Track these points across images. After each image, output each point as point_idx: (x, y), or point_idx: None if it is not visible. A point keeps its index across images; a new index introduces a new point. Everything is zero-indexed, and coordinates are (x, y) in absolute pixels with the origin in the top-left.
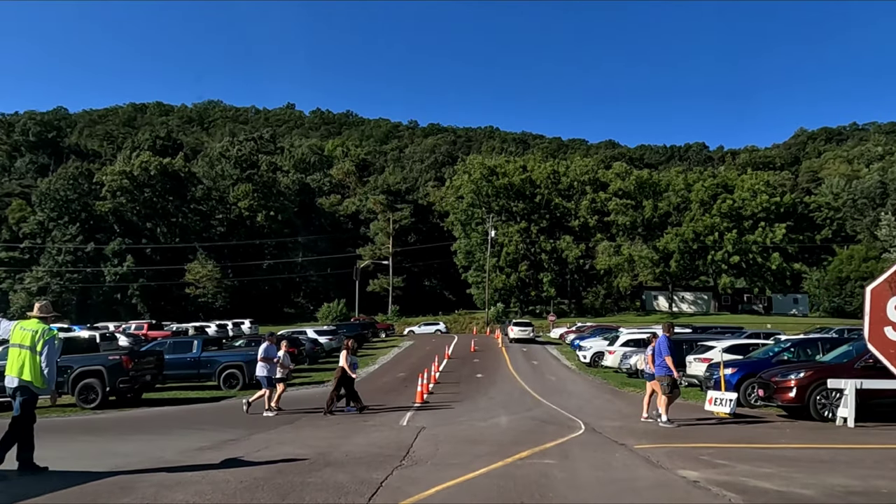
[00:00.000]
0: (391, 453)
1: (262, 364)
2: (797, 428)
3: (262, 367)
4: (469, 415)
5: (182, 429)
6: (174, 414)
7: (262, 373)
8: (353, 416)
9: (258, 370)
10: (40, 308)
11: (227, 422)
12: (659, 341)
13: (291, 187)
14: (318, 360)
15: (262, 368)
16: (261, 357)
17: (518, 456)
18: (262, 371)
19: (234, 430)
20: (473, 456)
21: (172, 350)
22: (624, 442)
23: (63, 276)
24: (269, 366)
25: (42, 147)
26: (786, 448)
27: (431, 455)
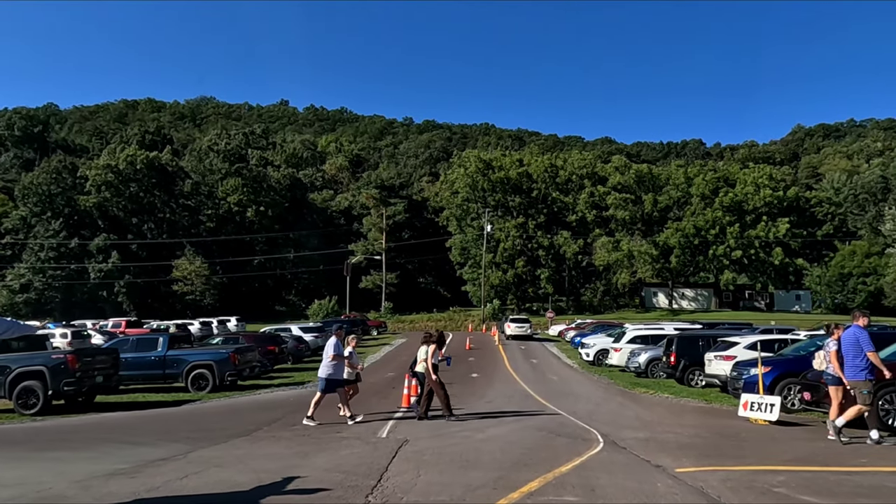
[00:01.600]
0: (355, 484)
1: (330, 363)
2: (864, 440)
3: (329, 366)
4: (462, 423)
5: (111, 443)
6: (118, 422)
7: (325, 373)
8: (323, 427)
9: (323, 370)
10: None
11: (175, 432)
12: (850, 334)
13: (282, 182)
14: (302, 360)
15: (328, 368)
16: (333, 355)
17: (527, 489)
18: (326, 371)
19: (176, 444)
20: (465, 489)
21: (135, 348)
22: (660, 463)
23: (46, 272)
24: (337, 364)
25: (28, 142)
26: (877, 473)
27: (408, 488)
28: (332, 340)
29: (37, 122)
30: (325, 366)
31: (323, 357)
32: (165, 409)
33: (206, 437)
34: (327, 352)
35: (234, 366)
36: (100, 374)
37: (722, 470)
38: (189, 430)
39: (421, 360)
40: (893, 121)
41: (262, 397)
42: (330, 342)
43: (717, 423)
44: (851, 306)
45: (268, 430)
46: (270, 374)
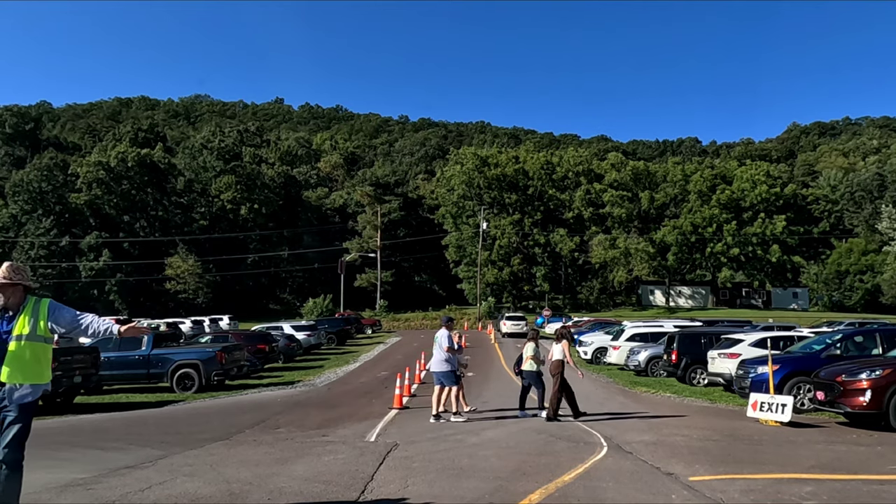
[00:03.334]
0: (336, 495)
1: (445, 358)
2: (888, 444)
3: (444, 360)
4: (456, 425)
5: (78, 448)
6: (92, 425)
7: (447, 367)
8: (309, 432)
9: (438, 365)
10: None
11: (150, 436)
12: None
13: (276, 180)
14: (293, 359)
15: (444, 363)
16: (447, 347)
17: (526, 502)
18: (444, 366)
19: (148, 449)
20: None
21: (118, 347)
22: (671, 470)
23: (36, 271)
24: (452, 358)
25: (19, 139)
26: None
27: (394, 501)
28: (444, 333)
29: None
30: (444, 360)
31: (435, 351)
32: (146, 411)
33: (181, 442)
34: (441, 344)
35: (221, 365)
36: (79, 373)
37: (741, 478)
38: (165, 434)
39: (528, 357)
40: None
41: (248, 398)
42: (443, 335)
43: (726, 425)
44: (849, 304)
45: (249, 434)
46: (260, 374)
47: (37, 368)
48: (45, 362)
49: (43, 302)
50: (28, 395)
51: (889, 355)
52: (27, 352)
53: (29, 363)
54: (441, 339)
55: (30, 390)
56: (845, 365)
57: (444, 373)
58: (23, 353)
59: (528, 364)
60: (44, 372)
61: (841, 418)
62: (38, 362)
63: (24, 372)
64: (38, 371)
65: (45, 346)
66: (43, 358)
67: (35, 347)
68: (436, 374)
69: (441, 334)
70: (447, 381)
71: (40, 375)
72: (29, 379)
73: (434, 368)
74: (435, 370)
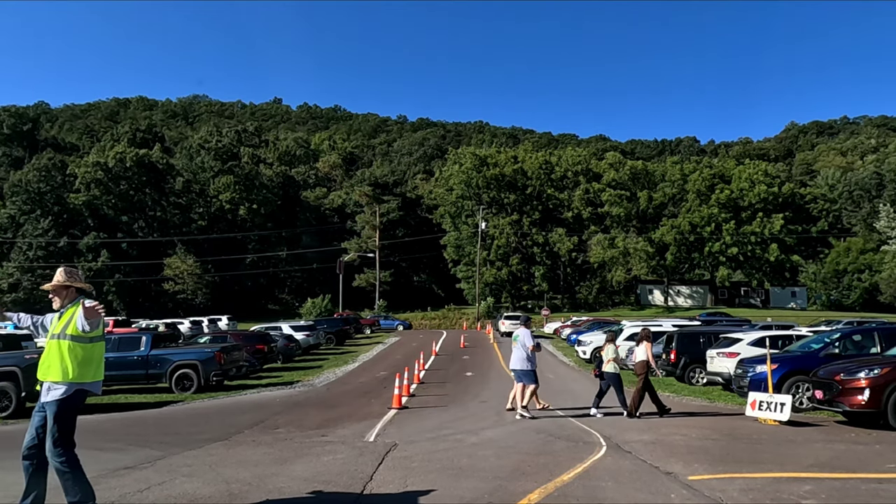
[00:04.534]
0: (334, 497)
1: (527, 356)
2: (886, 442)
3: (525, 359)
4: (455, 424)
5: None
6: (90, 425)
7: (529, 366)
8: (308, 432)
9: (520, 362)
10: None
11: (149, 437)
12: None
13: (275, 180)
14: (292, 359)
15: (526, 361)
16: (531, 346)
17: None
18: (526, 364)
19: (147, 450)
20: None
21: (117, 347)
22: (670, 469)
23: (34, 271)
24: (533, 356)
25: (17, 140)
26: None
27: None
28: (525, 331)
29: (26, 120)
30: (526, 358)
31: (518, 349)
32: (145, 411)
33: (180, 442)
34: (525, 343)
35: (220, 365)
36: None
37: (740, 477)
38: (164, 434)
39: (608, 359)
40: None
41: (247, 398)
42: (526, 333)
43: (725, 424)
44: (847, 303)
45: (248, 434)
46: (259, 374)
47: (63, 366)
48: (76, 360)
49: (79, 302)
50: (55, 393)
51: (887, 354)
52: (55, 350)
53: (56, 361)
54: (524, 338)
55: (58, 388)
56: (844, 364)
57: (525, 371)
58: (52, 351)
59: (611, 366)
60: (73, 369)
61: (839, 417)
62: (63, 360)
63: (51, 369)
64: (66, 368)
65: (73, 343)
66: (72, 355)
67: (62, 345)
68: (517, 372)
69: (523, 333)
70: (526, 378)
71: (67, 373)
72: (55, 376)
73: (515, 367)
74: (516, 368)
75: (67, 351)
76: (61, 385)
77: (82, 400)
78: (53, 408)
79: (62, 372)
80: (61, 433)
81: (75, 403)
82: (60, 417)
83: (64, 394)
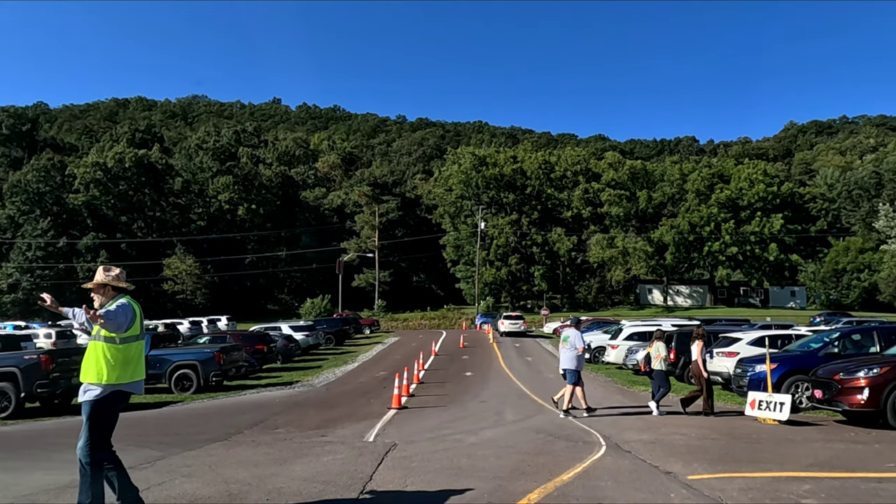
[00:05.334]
0: (335, 495)
1: (575, 355)
2: (885, 442)
3: (579, 358)
4: (455, 425)
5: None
6: None
7: (577, 365)
8: (308, 432)
9: (569, 362)
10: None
11: (148, 437)
12: None
13: (274, 180)
14: (292, 359)
15: (575, 360)
16: (581, 348)
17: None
18: (574, 363)
19: (146, 450)
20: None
21: None
22: (670, 469)
23: (34, 272)
24: (581, 357)
25: (16, 140)
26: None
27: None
28: (576, 332)
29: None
30: (575, 358)
31: (568, 349)
32: (144, 412)
33: (180, 443)
34: (574, 344)
35: (220, 365)
36: (77, 375)
37: (739, 477)
38: (163, 435)
39: (657, 356)
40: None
41: (247, 398)
42: (576, 335)
43: (724, 424)
44: (846, 302)
45: (248, 434)
46: (259, 374)
47: (98, 368)
48: (110, 361)
49: (113, 301)
50: (88, 394)
51: (887, 353)
52: (91, 351)
53: (91, 363)
54: (575, 340)
55: (91, 389)
56: (843, 363)
57: (572, 370)
58: (89, 352)
59: (658, 363)
60: (107, 371)
61: (839, 416)
62: (98, 361)
63: (86, 370)
64: (100, 370)
65: (106, 345)
66: (103, 357)
67: (97, 347)
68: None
69: (574, 334)
70: (571, 378)
71: (101, 375)
72: (89, 377)
73: (565, 365)
74: (565, 367)
75: (101, 353)
76: (96, 387)
77: (120, 401)
78: (87, 408)
79: (96, 374)
80: (92, 434)
81: (110, 405)
82: (92, 418)
83: (98, 395)
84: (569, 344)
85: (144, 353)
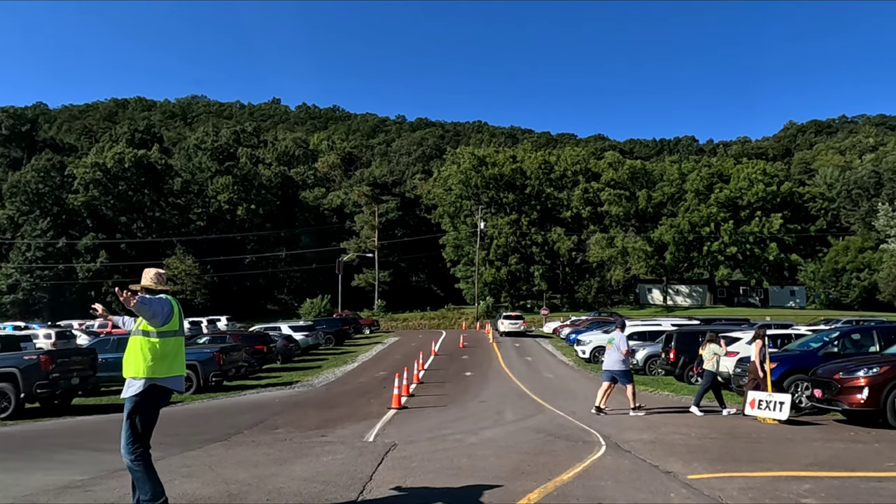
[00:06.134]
0: (335, 496)
1: (622, 358)
2: (885, 441)
3: (620, 360)
4: (455, 425)
5: (76, 450)
6: (89, 427)
7: (624, 366)
8: (308, 432)
9: (616, 364)
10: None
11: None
12: None
13: (273, 180)
14: (292, 359)
15: (621, 362)
16: (625, 350)
17: (525, 501)
18: (621, 365)
19: None
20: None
21: (116, 348)
22: (670, 469)
23: (34, 272)
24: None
25: (15, 140)
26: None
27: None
28: (620, 335)
29: (25, 121)
30: (621, 360)
31: (613, 351)
32: None
33: (179, 443)
34: (619, 346)
35: (219, 366)
36: (76, 375)
37: (739, 476)
38: (163, 435)
39: (709, 357)
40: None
41: (246, 398)
42: (621, 337)
43: (724, 423)
44: (846, 301)
45: (247, 434)
46: (258, 374)
47: (137, 361)
48: (149, 355)
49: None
50: (129, 389)
51: (886, 352)
52: (131, 346)
53: (131, 357)
54: (619, 342)
55: (133, 384)
56: (843, 362)
57: (621, 371)
58: (129, 347)
59: (710, 364)
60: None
61: (839, 416)
62: (137, 355)
63: (126, 365)
64: (139, 364)
65: (144, 338)
66: (140, 351)
67: (135, 341)
68: (611, 373)
69: (618, 336)
70: (623, 379)
71: (140, 368)
72: (128, 372)
73: (610, 367)
74: (611, 368)
75: (139, 346)
76: (136, 381)
77: (161, 397)
78: (129, 404)
79: (136, 367)
80: (134, 430)
81: (151, 400)
82: (134, 413)
83: (139, 389)
84: (613, 346)
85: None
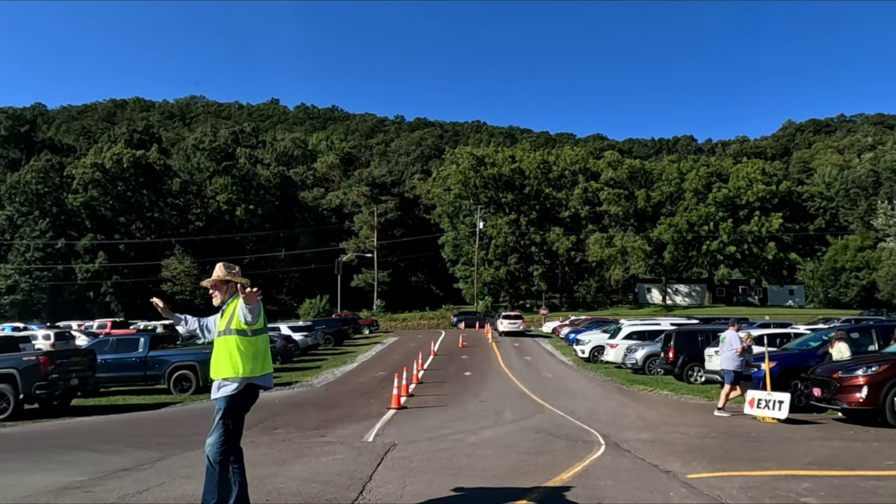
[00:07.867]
0: (334, 496)
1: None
2: (884, 440)
3: (736, 358)
4: (454, 424)
5: (76, 451)
6: (89, 427)
7: (734, 365)
8: (307, 432)
9: (727, 362)
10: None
11: (147, 438)
12: None
13: (272, 180)
14: (291, 359)
15: (736, 360)
16: (739, 349)
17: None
18: (735, 363)
19: (145, 451)
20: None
21: (115, 349)
22: (669, 468)
23: (32, 273)
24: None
25: (14, 141)
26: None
27: (392, 501)
28: (733, 333)
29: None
30: (732, 358)
31: (725, 349)
32: (143, 413)
33: (179, 444)
34: (732, 344)
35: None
36: (75, 376)
37: (739, 476)
38: (162, 436)
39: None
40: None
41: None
42: (733, 336)
43: (723, 422)
44: (845, 300)
45: (247, 435)
46: None
47: (233, 361)
48: (244, 354)
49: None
50: (224, 389)
51: (885, 351)
52: (221, 346)
53: (223, 357)
54: (732, 340)
55: (227, 384)
56: (842, 361)
57: (728, 371)
58: (220, 348)
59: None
60: (243, 364)
61: (838, 415)
62: (232, 355)
63: (219, 366)
64: (236, 364)
65: (239, 338)
66: (237, 350)
67: (228, 341)
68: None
69: (731, 335)
70: (727, 377)
71: (237, 368)
72: (221, 373)
73: (724, 367)
74: (725, 368)
75: (235, 346)
76: (232, 381)
77: (253, 396)
78: (223, 403)
79: (232, 368)
80: (226, 430)
81: (245, 399)
82: (228, 414)
83: (235, 389)
84: (726, 344)
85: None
